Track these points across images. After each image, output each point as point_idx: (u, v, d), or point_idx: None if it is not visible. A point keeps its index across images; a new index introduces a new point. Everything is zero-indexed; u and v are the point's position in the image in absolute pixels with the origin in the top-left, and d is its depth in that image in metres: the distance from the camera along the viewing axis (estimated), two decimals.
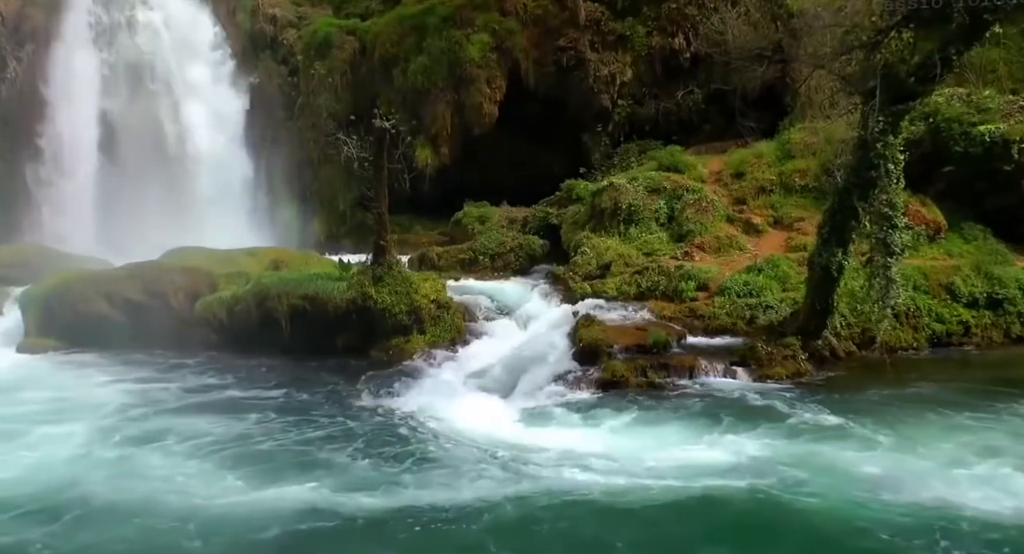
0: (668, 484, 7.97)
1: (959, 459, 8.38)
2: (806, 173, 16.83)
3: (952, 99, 15.87)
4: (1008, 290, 13.43)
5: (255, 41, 25.20)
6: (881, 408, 10.04)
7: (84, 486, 8.22)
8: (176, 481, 8.39)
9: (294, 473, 8.51)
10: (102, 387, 12.03)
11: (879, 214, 10.97)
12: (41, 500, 7.90)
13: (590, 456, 8.71)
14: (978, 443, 8.80)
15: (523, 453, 8.90)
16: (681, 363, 11.69)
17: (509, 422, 10.03)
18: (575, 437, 9.38)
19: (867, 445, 8.87)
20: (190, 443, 9.49)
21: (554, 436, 9.44)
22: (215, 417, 10.47)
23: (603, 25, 21.75)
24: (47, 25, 23.30)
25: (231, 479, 8.40)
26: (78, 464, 8.88)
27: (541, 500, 7.69)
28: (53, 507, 7.75)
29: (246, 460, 8.93)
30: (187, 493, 8.06)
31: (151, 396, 11.53)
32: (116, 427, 10.13)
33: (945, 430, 9.25)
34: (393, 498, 7.83)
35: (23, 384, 12.28)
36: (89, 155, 22.43)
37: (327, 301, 13.52)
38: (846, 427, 9.44)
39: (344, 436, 9.69)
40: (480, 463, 8.67)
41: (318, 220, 23.77)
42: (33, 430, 9.99)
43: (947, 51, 10.35)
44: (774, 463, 8.40)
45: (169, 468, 8.73)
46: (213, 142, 23.33)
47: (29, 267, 16.91)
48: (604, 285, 14.52)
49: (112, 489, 8.16)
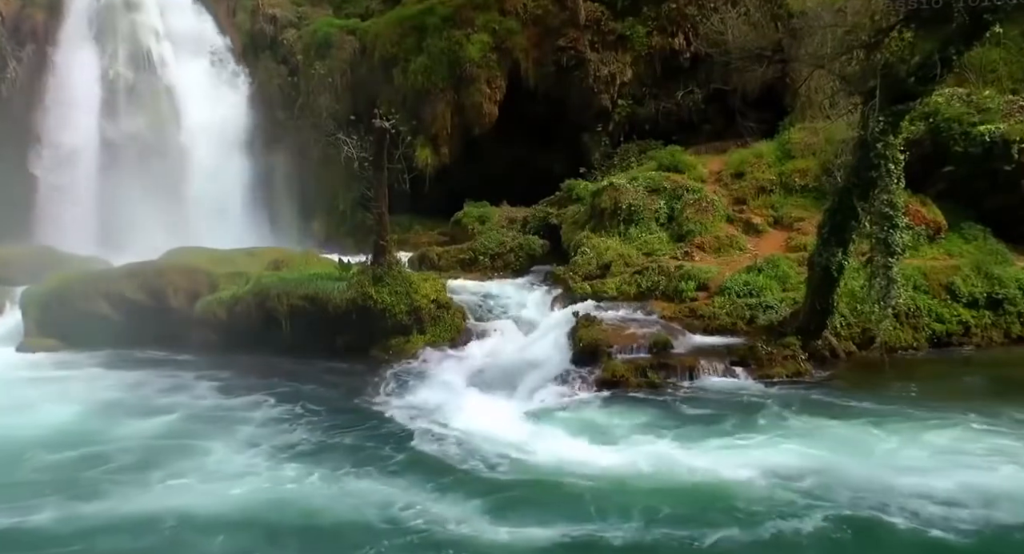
0: (668, 483, 7.97)
1: (959, 459, 8.37)
2: (806, 173, 16.83)
3: (952, 99, 15.87)
4: (1008, 290, 13.44)
5: (255, 41, 25.20)
6: (881, 408, 10.03)
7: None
8: (178, 481, 8.40)
9: (294, 473, 8.50)
10: (100, 388, 12.00)
11: (879, 214, 10.97)
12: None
13: (590, 456, 8.70)
14: (978, 443, 8.80)
15: (523, 453, 8.89)
16: (681, 363, 11.70)
17: (509, 422, 10.01)
18: (575, 437, 9.36)
19: (868, 445, 8.87)
20: (190, 444, 9.48)
21: (554, 436, 9.43)
22: (214, 417, 10.46)
23: (603, 25, 21.74)
24: (47, 25, 23.31)
25: (231, 478, 8.40)
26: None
27: (541, 500, 7.68)
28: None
29: (246, 460, 8.93)
30: (188, 494, 8.08)
31: (151, 396, 11.53)
32: (114, 426, 10.14)
33: (945, 430, 9.23)
34: (393, 498, 7.81)
35: (23, 384, 12.27)
36: (89, 155, 22.43)
37: (327, 301, 13.52)
38: (846, 427, 9.43)
39: (344, 436, 9.68)
40: (480, 463, 8.66)
41: (318, 220, 23.77)
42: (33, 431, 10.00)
43: (947, 51, 10.35)
44: (774, 463, 8.38)
45: (170, 470, 8.74)
46: (213, 142, 23.32)
47: (29, 267, 16.90)
48: (604, 285, 14.52)
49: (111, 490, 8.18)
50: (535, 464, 8.59)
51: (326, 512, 7.58)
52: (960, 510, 7.23)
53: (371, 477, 8.39)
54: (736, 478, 8.05)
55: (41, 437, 9.70)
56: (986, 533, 6.87)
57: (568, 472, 8.32)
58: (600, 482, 8.05)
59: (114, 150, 22.69)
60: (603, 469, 8.35)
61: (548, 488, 7.96)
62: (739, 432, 9.36)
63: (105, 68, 23.11)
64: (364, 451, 9.16)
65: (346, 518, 7.45)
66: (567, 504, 7.60)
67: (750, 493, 7.73)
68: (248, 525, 7.36)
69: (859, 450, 8.71)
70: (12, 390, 11.95)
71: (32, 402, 11.24)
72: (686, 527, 7.10)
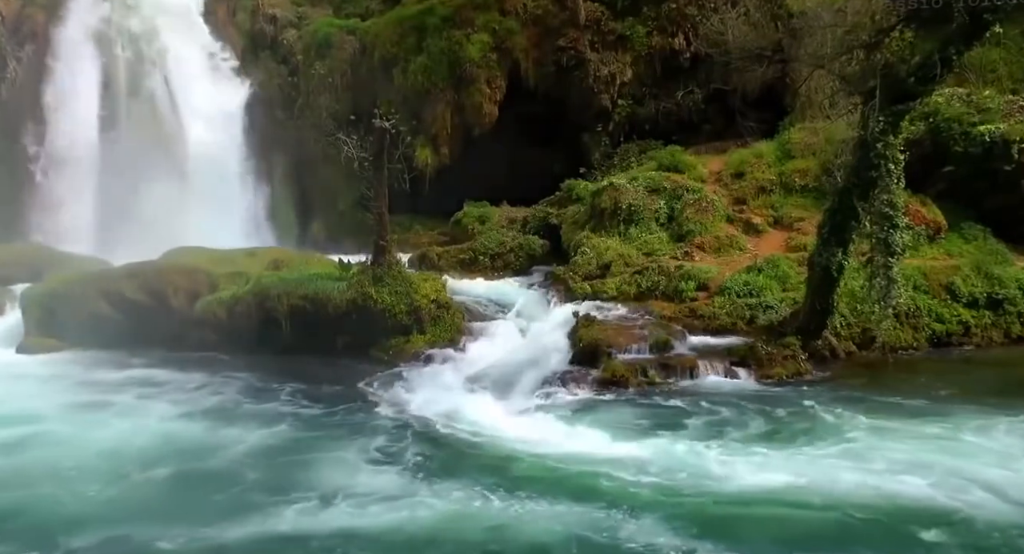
0: (668, 483, 7.96)
1: (959, 458, 8.37)
2: (806, 173, 16.84)
3: (952, 99, 15.87)
4: (1008, 290, 13.44)
5: (255, 41, 25.19)
6: (881, 408, 10.04)
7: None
8: (177, 482, 8.41)
9: (293, 472, 8.50)
10: (99, 389, 11.97)
11: (879, 214, 10.98)
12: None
13: (590, 456, 8.70)
14: (979, 443, 8.80)
15: (523, 453, 8.89)
16: (681, 363, 11.71)
17: (509, 422, 10.01)
18: (575, 437, 9.36)
19: (868, 445, 8.85)
20: (190, 443, 9.49)
21: (554, 436, 9.43)
22: (213, 418, 10.45)
23: (603, 25, 21.74)
24: (47, 25, 23.29)
25: (229, 479, 8.40)
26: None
27: (541, 500, 7.68)
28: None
29: (244, 459, 8.93)
30: (191, 493, 8.08)
31: (151, 396, 11.51)
32: (112, 427, 10.13)
33: (945, 430, 9.23)
34: (393, 497, 7.81)
35: (23, 384, 12.27)
36: (88, 156, 22.41)
37: (327, 301, 13.52)
38: (847, 427, 9.44)
39: (344, 437, 9.66)
40: (480, 463, 8.66)
41: (318, 220, 23.77)
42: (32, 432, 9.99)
43: (947, 51, 10.36)
44: (773, 462, 8.39)
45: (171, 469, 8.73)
46: (213, 142, 23.28)
47: (29, 267, 16.91)
48: (604, 285, 14.53)
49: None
50: (536, 464, 8.58)
51: (324, 512, 7.57)
52: (958, 510, 7.23)
53: (371, 477, 8.37)
54: (735, 477, 8.04)
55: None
56: (987, 531, 6.86)
57: (569, 472, 8.31)
58: (600, 482, 8.04)
59: (114, 150, 22.66)
60: (603, 469, 8.34)
61: (548, 488, 7.94)
62: (739, 432, 9.36)
63: (105, 68, 23.09)
64: (364, 452, 9.13)
65: (345, 518, 7.45)
66: (567, 504, 7.58)
67: (748, 492, 7.72)
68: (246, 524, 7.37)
69: (860, 450, 8.70)
70: (12, 391, 11.92)
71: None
72: (687, 526, 7.09)
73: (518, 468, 8.51)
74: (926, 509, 7.31)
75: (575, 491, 7.85)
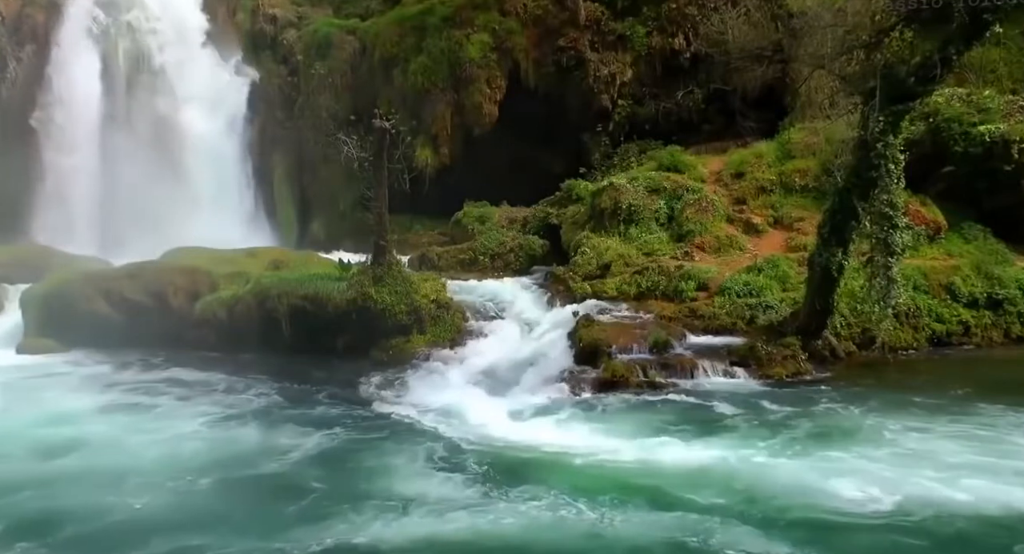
0: (669, 483, 7.96)
1: (959, 458, 8.37)
2: (806, 173, 16.83)
3: (952, 99, 15.87)
4: (1008, 290, 13.45)
5: (255, 41, 25.16)
6: (881, 408, 10.04)
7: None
8: (179, 484, 8.40)
9: (292, 472, 8.51)
10: (98, 389, 11.97)
11: (879, 214, 10.99)
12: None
13: (590, 456, 8.71)
14: (978, 443, 8.80)
15: (524, 453, 8.90)
16: (681, 363, 11.72)
17: (510, 422, 10.03)
18: (575, 437, 9.37)
19: (868, 445, 8.85)
20: (188, 444, 9.48)
21: (555, 436, 9.44)
22: (213, 419, 10.45)
23: (603, 25, 21.73)
24: (47, 25, 23.28)
25: (228, 478, 8.42)
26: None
27: (541, 500, 7.67)
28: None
29: (243, 459, 8.94)
30: (191, 493, 8.08)
31: (150, 396, 11.52)
32: (112, 426, 10.13)
33: (944, 430, 9.24)
34: (392, 497, 7.81)
35: (23, 385, 12.27)
36: (88, 156, 22.41)
37: (327, 301, 13.52)
38: (847, 427, 9.44)
39: (344, 437, 9.68)
40: (481, 462, 8.66)
41: (318, 220, 23.76)
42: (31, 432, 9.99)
43: (947, 51, 10.36)
44: (773, 462, 8.40)
45: (170, 470, 8.73)
46: (213, 142, 23.30)
47: (29, 267, 16.86)
48: (604, 285, 14.52)
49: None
50: (535, 463, 8.58)
51: (323, 511, 7.58)
52: (956, 511, 7.22)
53: (370, 477, 8.37)
54: (735, 477, 8.04)
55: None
56: (989, 532, 6.86)
57: (569, 472, 8.31)
58: (600, 482, 8.03)
59: (113, 150, 22.66)
60: (603, 469, 8.35)
61: (549, 487, 7.94)
62: (739, 432, 9.37)
63: (105, 68, 23.09)
64: (364, 452, 9.14)
65: (343, 519, 7.45)
66: (567, 503, 7.58)
67: (748, 491, 7.72)
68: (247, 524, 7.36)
69: (860, 450, 8.68)
70: (13, 391, 11.92)
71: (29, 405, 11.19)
72: (686, 525, 7.09)
73: (517, 467, 8.47)
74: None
75: (575, 491, 7.79)
